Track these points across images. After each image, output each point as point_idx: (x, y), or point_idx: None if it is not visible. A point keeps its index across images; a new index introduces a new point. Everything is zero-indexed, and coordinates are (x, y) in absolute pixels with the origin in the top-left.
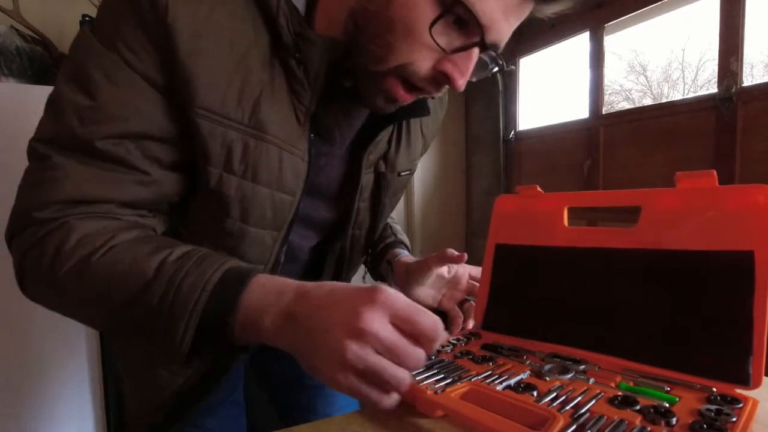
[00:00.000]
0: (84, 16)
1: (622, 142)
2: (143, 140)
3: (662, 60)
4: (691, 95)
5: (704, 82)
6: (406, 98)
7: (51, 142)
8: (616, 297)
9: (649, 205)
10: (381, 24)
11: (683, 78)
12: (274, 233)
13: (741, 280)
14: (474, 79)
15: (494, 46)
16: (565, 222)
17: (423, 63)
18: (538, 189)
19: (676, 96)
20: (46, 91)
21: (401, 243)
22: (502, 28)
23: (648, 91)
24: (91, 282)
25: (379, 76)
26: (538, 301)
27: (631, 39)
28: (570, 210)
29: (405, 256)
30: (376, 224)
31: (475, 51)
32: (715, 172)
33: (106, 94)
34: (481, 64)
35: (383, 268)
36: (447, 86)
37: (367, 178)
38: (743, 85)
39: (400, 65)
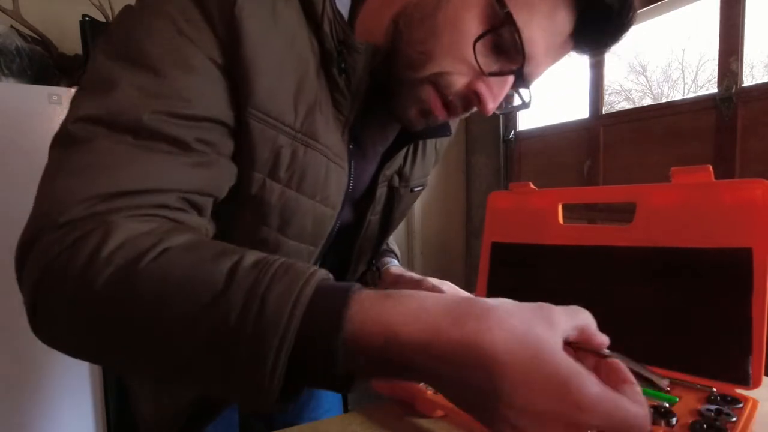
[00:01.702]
0: (84, 16)
1: (622, 142)
2: (208, 123)
3: (662, 60)
4: (691, 95)
5: (704, 82)
6: (441, 113)
7: (97, 122)
8: (614, 296)
9: (644, 201)
10: (425, 30)
11: (683, 78)
12: (310, 248)
13: (739, 278)
14: (498, 112)
15: (528, 80)
16: (560, 219)
17: (459, 77)
18: (532, 186)
19: (676, 96)
20: (46, 91)
21: (391, 252)
22: (540, 64)
23: (648, 91)
24: (138, 293)
25: (415, 83)
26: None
27: (631, 39)
28: (569, 210)
29: (394, 265)
30: (383, 238)
31: (510, 79)
32: (710, 167)
33: (171, 72)
34: (506, 98)
35: (369, 274)
36: (475, 108)
37: (380, 192)
38: (743, 85)
39: (437, 73)
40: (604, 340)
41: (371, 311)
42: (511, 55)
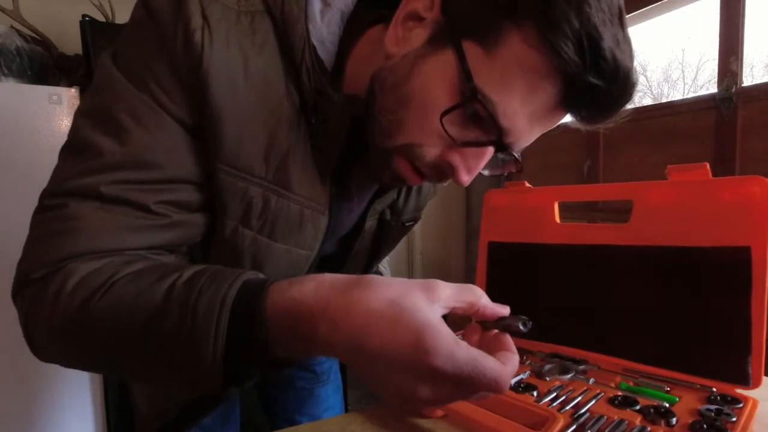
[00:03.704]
0: (84, 16)
1: (622, 142)
2: (172, 184)
3: (662, 60)
4: (691, 95)
5: (704, 82)
6: (415, 181)
7: (67, 189)
8: (612, 295)
9: (640, 199)
10: (397, 98)
11: (683, 78)
12: None
13: (737, 277)
14: (486, 173)
15: (513, 149)
16: (557, 218)
17: (431, 149)
18: (527, 184)
19: (676, 96)
20: (46, 91)
21: (379, 274)
22: (523, 135)
23: (648, 91)
24: (95, 327)
25: (387, 152)
26: (536, 300)
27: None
28: (569, 210)
29: None
30: (370, 266)
31: (489, 150)
32: (707, 165)
33: (136, 139)
34: (495, 160)
35: None
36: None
37: (370, 224)
38: (743, 85)
39: (407, 145)
40: (497, 311)
41: (281, 298)
42: (487, 126)
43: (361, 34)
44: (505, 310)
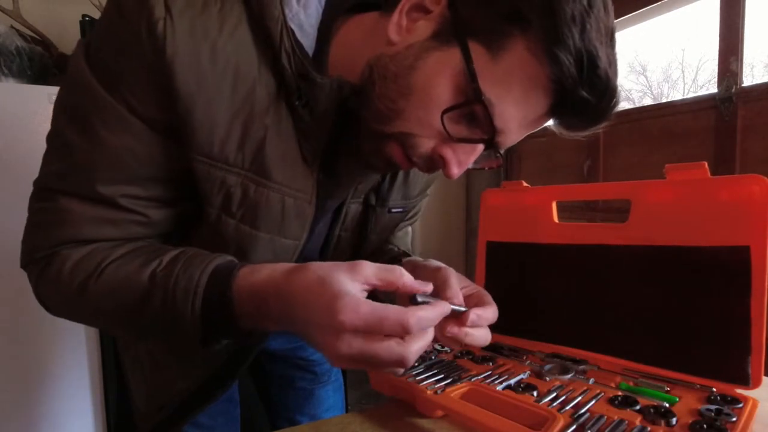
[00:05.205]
0: (84, 16)
1: (622, 142)
2: (146, 182)
3: (662, 60)
4: (691, 95)
5: (704, 82)
6: (406, 166)
7: (55, 185)
8: (611, 295)
9: (639, 198)
10: (397, 88)
11: (683, 78)
12: None
13: (737, 276)
14: (470, 167)
15: (499, 149)
16: (555, 218)
17: (426, 140)
18: (524, 183)
19: (676, 96)
20: (46, 91)
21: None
22: (512, 135)
23: (648, 91)
24: (94, 304)
25: (381, 137)
26: (535, 300)
27: (631, 39)
28: (569, 210)
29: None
30: (357, 256)
31: (479, 146)
32: (706, 164)
33: (108, 141)
34: (479, 156)
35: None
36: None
37: (354, 209)
38: (743, 85)
39: (404, 133)
40: (415, 288)
41: (243, 284)
42: (481, 125)
43: (343, 16)
44: (426, 287)
